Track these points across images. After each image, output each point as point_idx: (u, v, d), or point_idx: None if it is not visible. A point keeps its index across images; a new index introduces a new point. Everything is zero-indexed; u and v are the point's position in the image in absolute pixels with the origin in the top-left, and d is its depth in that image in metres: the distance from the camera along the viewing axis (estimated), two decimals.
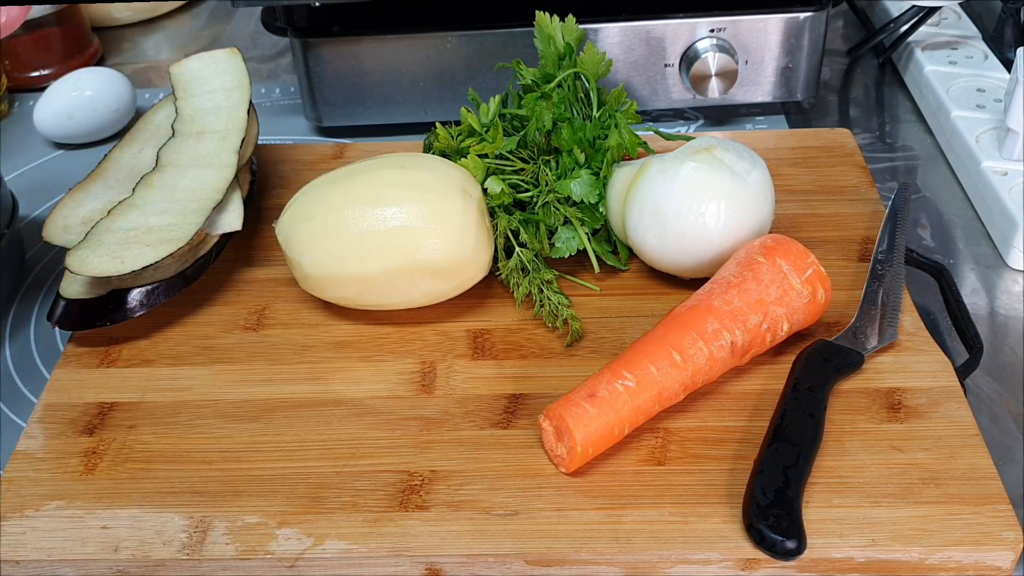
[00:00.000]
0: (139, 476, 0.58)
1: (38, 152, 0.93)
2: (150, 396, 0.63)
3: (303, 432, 0.60)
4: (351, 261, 0.64)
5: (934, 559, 0.53)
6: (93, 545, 0.54)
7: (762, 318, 0.60)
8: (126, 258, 0.64)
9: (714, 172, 0.65)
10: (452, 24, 0.85)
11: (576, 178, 0.68)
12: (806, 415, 0.57)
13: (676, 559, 0.53)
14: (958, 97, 0.87)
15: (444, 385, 0.63)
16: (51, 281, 0.77)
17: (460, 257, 0.64)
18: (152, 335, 0.67)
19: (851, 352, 0.62)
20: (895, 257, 0.68)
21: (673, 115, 0.93)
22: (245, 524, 0.55)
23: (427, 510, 0.55)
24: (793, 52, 0.86)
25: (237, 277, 0.71)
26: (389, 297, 0.65)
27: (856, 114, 0.95)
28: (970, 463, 0.56)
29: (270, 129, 0.93)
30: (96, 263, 0.64)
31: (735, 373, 0.62)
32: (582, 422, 0.55)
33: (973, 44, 0.94)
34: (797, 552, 0.52)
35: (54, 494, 0.57)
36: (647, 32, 0.85)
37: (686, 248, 0.65)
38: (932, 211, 0.81)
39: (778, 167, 0.77)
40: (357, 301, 0.66)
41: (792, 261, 0.62)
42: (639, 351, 0.58)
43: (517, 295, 0.67)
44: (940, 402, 0.60)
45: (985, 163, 0.79)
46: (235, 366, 0.65)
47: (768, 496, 0.53)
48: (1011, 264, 0.75)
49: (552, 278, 0.68)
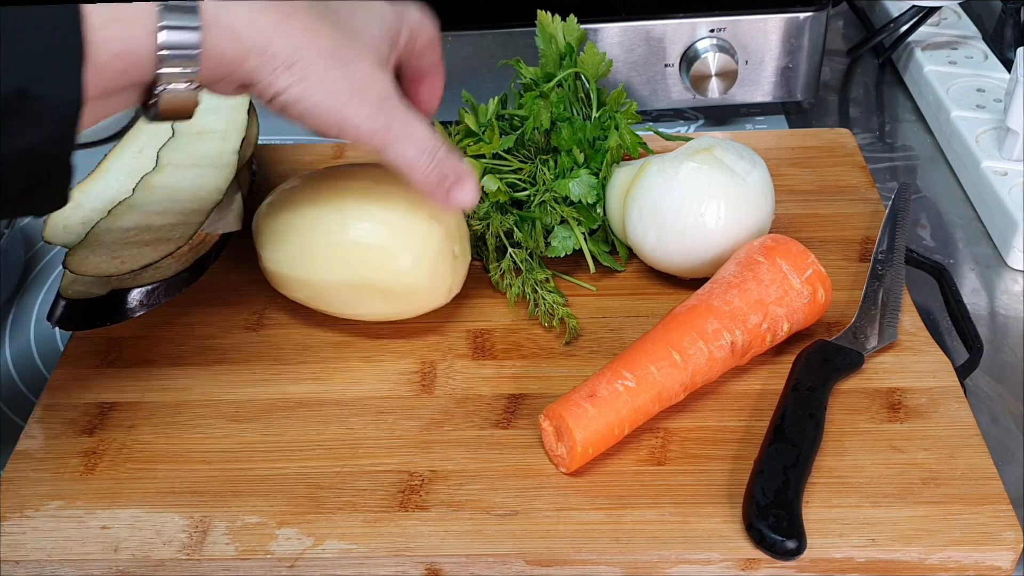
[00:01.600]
0: (139, 476, 0.58)
1: None
2: (150, 396, 0.63)
3: (303, 432, 0.60)
4: (302, 264, 0.63)
5: (934, 559, 0.53)
6: (93, 545, 0.54)
7: (762, 318, 0.60)
8: (126, 258, 0.64)
9: (714, 172, 0.65)
10: (451, 24, 0.85)
11: (575, 178, 0.68)
12: (806, 415, 0.57)
13: (676, 559, 0.53)
14: (958, 97, 0.87)
15: (444, 385, 0.63)
16: (51, 281, 0.77)
17: (411, 283, 0.62)
18: (152, 335, 0.67)
19: (851, 352, 0.62)
20: (895, 257, 0.68)
21: (673, 115, 0.93)
22: (245, 524, 0.55)
23: (427, 510, 0.55)
24: (793, 52, 0.86)
25: (237, 277, 0.71)
26: (340, 307, 0.64)
27: (856, 114, 0.95)
28: (970, 463, 0.56)
29: (270, 129, 0.93)
30: (96, 263, 0.64)
31: (735, 373, 0.62)
32: (582, 422, 0.55)
33: (973, 44, 0.94)
34: (797, 552, 0.52)
35: (54, 494, 0.57)
36: (647, 32, 0.85)
37: (686, 248, 0.65)
38: (932, 211, 0.81)
39: (778, 167, 0.77)
40: (312, 304, 0.65)
41: (792, 261, 0.62)
42: (639, 351, 0.58)
43: (510, 295, 0.67)
44: (940, 402, 0.60)
45: (985, 163, 0.79)
46: (235, 366, 0.65)
47: (768, 496, 0.53)
48: (1011, 264, 0.75)
49: (546, 277, 0.68)
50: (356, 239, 0.62)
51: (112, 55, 0.46)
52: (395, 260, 0.62)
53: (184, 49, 0.48)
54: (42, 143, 0.45)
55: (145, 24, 0.47)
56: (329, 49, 0.53)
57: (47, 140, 0.45)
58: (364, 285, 0.62)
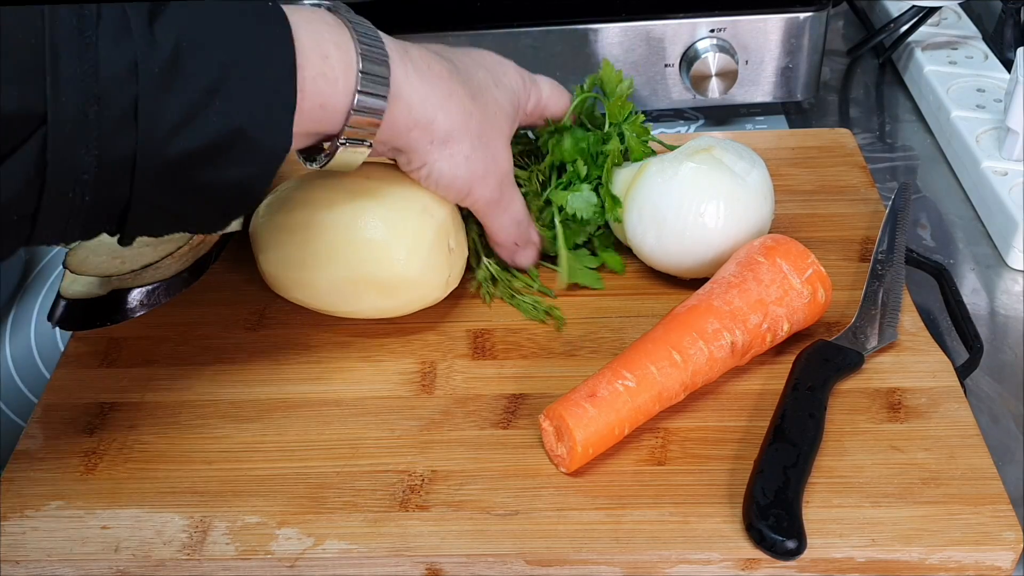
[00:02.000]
0: (139, 476, 0.58)
1: None
2: (150, 396, 0.63)
3: (303, 432, 0.60)
4: (298, 264, 0.63)
5: (934, 559, 0.53)
6: (93, 545, 0.54)
7: (762, 318, 0.60)
8: (126, 258, 0.64)
9: (714, 172, 0.65)
10: (452, 24, 0.85)
11: (576, 191, 0.67)
12: (806, 415, 0.57)
13: (676, 559, 0.53)
14: (958, 97, 0.87)
15: (444, 385, 0.63)
16: (51, 281, 0.77)
17: (406, 277, 0.62)
18: (152, 335, 0.67)
19: (851, 352, 0.62)
20: (895, 257, 0.68)
21: (673, 115, 0.93)
22: (245, 524, 0.55)
23: (427, 510, 0.55)
24: (793, 52, 0.86)
25: (237, 277, 0.71)
26: (337, 305, 0.64)
27: (856, 114, 0.95)
28: (970, 463, 0.56)
29: None
30: (96, 263, 0.64)
31: (735, 373, 0.62)
32: (582, 422, 0.55)
33: (973, 44, 0.94)
34: (797, 552, 0.52)
35: (54, 494, 0.57)
36: (647, 32, 0.85)
37: (686, 248, 0.65)
38: (932, 211, 0.81)
39: (778, 167, 0.77)
40: (310, 305, 0.65)
41: (792, 261, 0.62)
42: (639, 351, 0.58)
43: (487, 298, 0.68)
44: (940, 402, 0.60)
45: (985, 163, 0.79)
46: (235, 366, 0.65)
47: (768, 496, 0.53)
48: (1011, 264, 0.75)
49: (524, 285, 0.68)
50: (350, 235, 0.62)
51: (315, 105, 0.52)
52: (389, 252, 0.62)
53: (372, 114, 0.54)
54: (248, 178, 0.50)
55: (347, 86, 0.53)
56: (477, 131, 0.60)
57: (252, 176, 0.51)
58: (360, 280, 0.62)
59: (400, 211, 0.62)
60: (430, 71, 0.58)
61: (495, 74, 0.64)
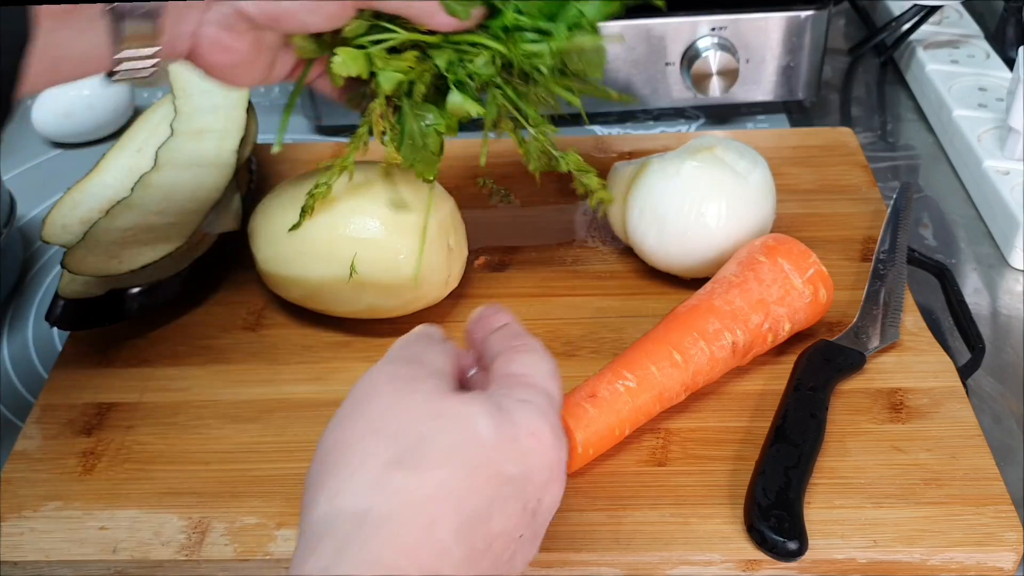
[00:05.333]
0: (137, 477, 0.58)
1: (36, 151, 0.92)
2: (148, 396, 0.63)
3: (302, 432, 0.60)
4: (296, 263, 0.63)
5: (936, 560, 0.52)
6: (91, 546, 0.54)
7: (763, 318, 0.60)
8: (124, 258, 0.64)
9: (715, 171, 0.64)
10: None
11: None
12: (808, 415, 0.57)
13: (677, 560, 0.53)
14: (960, 96, 0.87)
15: None
16: (49, 281, 0.77)
17: (404, 276, 0.62)
18: (151, 335, 0.67)
19: (853, 352, 0.61)
20: (897, 257, 0.68)
21: (674, 114, 0.93)
22: (244, 525, 0.55)
23: None
24: (794, 51, 0.86)
25: (236, 277, 0.71)
26: (337, 305, 0.64)
27: (858, 113, 0.94)
28: (972, 464, 0.56)
29: (269, 128, 0.93)
30: (94, 263, 0.64)
31: (736, 373, 0.62)
32: (582, 422, 0.55)
33: (975, 43, 0.94)
34: (798, 553, 0.51)
35: (52, 495, 0.57)
36: (648, 31, 0.84)
37: (687, 248, 0.65)
38: (934, 210, 0.81)
39: (779, 166, 0.77)
40: (307, 304, 0.65)
41: (793, 261, 0.61)
42: (640, 351, 0.58)
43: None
44: (942, 402, 0.60)
45: (987, 162, 0.79)
46: (234, 366, 0.65)
47: (769, 497, 0.53)
48: (1013, 264, 0.75)
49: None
50: (349, 234, 0.62)
51: None
52: (388, 252, 0.61)
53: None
54: None
55: None
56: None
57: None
58: (359, 280, 0.62)
59: (399, 209, 0.62)
60: None
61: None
